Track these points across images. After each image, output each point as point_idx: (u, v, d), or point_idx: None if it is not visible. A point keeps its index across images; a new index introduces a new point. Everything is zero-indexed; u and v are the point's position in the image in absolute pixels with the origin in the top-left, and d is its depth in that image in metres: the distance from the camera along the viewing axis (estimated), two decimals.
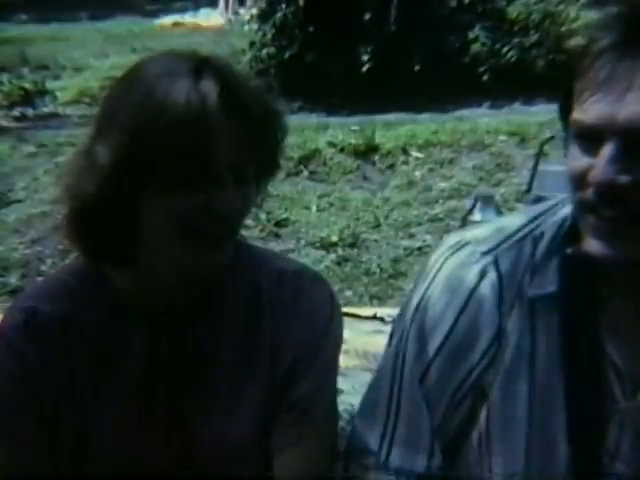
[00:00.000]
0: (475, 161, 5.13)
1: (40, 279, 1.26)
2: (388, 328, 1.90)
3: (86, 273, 1.10)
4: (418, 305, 1.07)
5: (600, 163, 0.90)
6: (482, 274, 1.04)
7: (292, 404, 1.10)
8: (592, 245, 0.95)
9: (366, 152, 5.23)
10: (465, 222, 1.73)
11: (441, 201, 4.82)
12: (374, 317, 1.85)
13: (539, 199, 1.10)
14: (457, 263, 1.05)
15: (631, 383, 1.01)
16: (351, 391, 1.19)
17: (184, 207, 0.99)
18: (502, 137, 5.33)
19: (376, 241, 4.50)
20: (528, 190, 1.72)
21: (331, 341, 1.13)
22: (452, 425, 1.06)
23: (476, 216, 1.71)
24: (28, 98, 7.13)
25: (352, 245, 4.43)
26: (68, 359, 1.08)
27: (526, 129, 5.33)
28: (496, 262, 1.04)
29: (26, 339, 1.07)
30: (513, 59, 7.17)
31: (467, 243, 1.06)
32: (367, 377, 1.47)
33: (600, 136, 0.91)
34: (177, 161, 0.97)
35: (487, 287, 1.03)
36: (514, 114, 6.03)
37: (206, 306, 1.10)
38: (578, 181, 0.94)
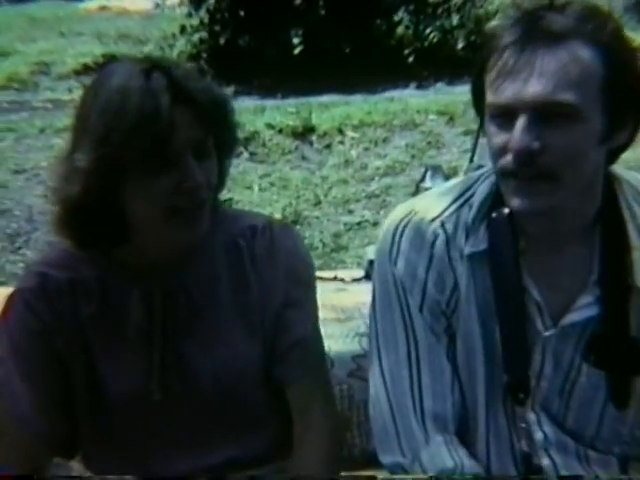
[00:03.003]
0: (407, 140, 5.29)
1: (49, 248, 1.43)
2: (349, 286, 2.12)
3: None
4: (395, 262, 1.23)
5: (516, 134, 1.10)
6: (434, 237, 1.23)
7: (293, 342, 1.27)
8: (515, 202, 1.15)
9: (304, 133, 5.34)
10: (418, 189, 1.96)
11: (377, 178, 4.98)
12: (335, 278, 2.06)
13: (480, 167, 1.33)
14: (413, 229, 1.24)
15: (549, 316, 1.21)
16: (325, 337, 1.37)
17: (159, 189, 1.15)
18: (432, 116, 5.52)
19: (317, 218, 4.64)
20: (471, 160, 1.96)
21: (308, 274, 1.31)
22: None
23: (427, 183, 1.94)
24: None
25: (295, 222, 4.54)
26: (76, 316, 1.24)
27: (453, 108, 5.52)
28: (443, 226, 1.23)
29: (41, 299, 1.23)
30: (435, 41, 7.37)
31: (417, 212, 1.25)
32: (337, 326, 1.68)
33: (513, 113, 1.11)
34: (143, 152, 1.12)
35: (440, 247, 1.22)
36: (441, 94, 6.24)
37: (192, 264, 1.26)
38: (499, 152, 1.14)
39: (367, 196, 4.82)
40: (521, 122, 1.10)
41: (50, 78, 7.40)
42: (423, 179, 1.95)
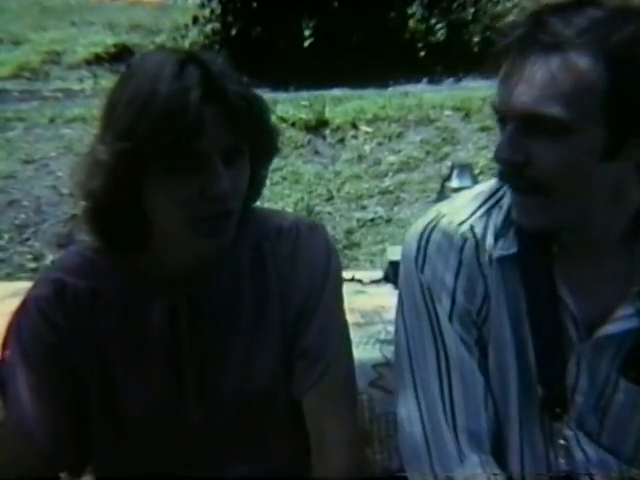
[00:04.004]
0: (422, 135, 5.22)
1: (66, 253, 1.34)
2: (367, 288, 2.06)
3: (108, 251, 1.18)
4: (421, 268, 1.17)
5: (501, 144, 1.05)
6: (463, 241, 1.17)
7: (304, 350, 1.19)
8: (514, 216, 1.10)
9: (317, 127, 5.27)
10: (443, 188, 1.88)
11: (391, 174, 4.93)
12: (353, 279, 1.99)
13: None
14: (440, 233, 1.17)
15: (584, 326, 1.15)
16: None
17: (181, 193, 1.07)
18: (447, 112, 5.46)
19: (329, 213, 4.60)
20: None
21: (332, 284, 1.22)
22: None
23: (454, 182, 1.86)
24: None
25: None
26: (95, 328, 1.16)
27: (469, 104, 5.45)
28: (472, 229, 1.17)
29: (57, 308, 1.15)
30: (448, 35, 7.30)
31: (443, 216, 1.19)
32: (356, 331, 1.62)
33: (504, 120, 1.06)
34: (167, 149, 1.04)
35: (469, 252, 1.16)
36: (457, 90, 6.18)
37: (216, 271, 1.19)
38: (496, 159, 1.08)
39: (381, 192, 4.77)
40: (507, 131, 1.06)
41: (61, 67, 7.37)
42: (449, 178, 1.87)
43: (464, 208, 1.20)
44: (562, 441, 1.17)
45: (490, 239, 1.16)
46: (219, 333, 1.19)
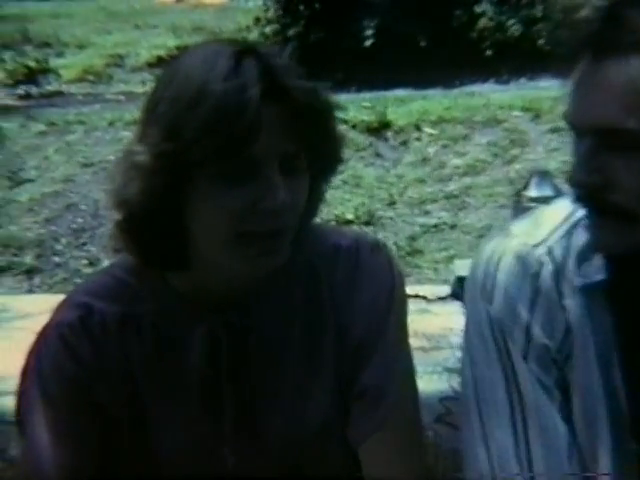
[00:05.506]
0: (489, 137, 5.07)
1: (95, 274, 1.19)
2: (433, 307, 1.90)
3: (144, 271, 1.04)
4: (489, 299, 1.03)
5: (575, 163, 0.90)
6: (539, 266, 1.01)
7: (363, 389, 1.05)
8: (591, 238, 0.95)
9: (378, 129, 5.16)
10: (520, 198, 1.70)
11: (456, 178, 4.78)
12: (416, 296, 1.82)
13: None
14: (512, 257, 1.01)
15: None
16: None
17: (229, 205, 0.93)
18: (516, 113, 5.27)
19: (391, 219, 4.47)
20: None
21: (395, 314, 1.07)
22: None
23: (532, 192, 1.67)
24: (32, 76, 7.06)
25: (367, 223, 4.41)
26: (125, 360, 1.03)
27: (539, 104, 5.26)
28: (550, 253, 1.00)
29: (81, 338, 1.02)
30: (517, 33, 7.10)
31: (515, 236, 1.02)
32: (420, 357, 1.46)
33: (578, 134, 0.90)
34: (217, 153, 0.90)
35: (547, 279, 1.00)
36: (525, 89, 5.97)
37: (264, 296, 1.05)
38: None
39: (445, 196, 4.63)
40: (582, 149, 0.90)
41: (124, 70, 7.46)
42: (527, 187, 1.68)
43: (540, 228, 1.03)
44: None
45: (572, 264, 1.00)
46: (265, 367, 1.05)
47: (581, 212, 1.03)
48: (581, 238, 1.00)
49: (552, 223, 1.03)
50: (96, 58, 7.59)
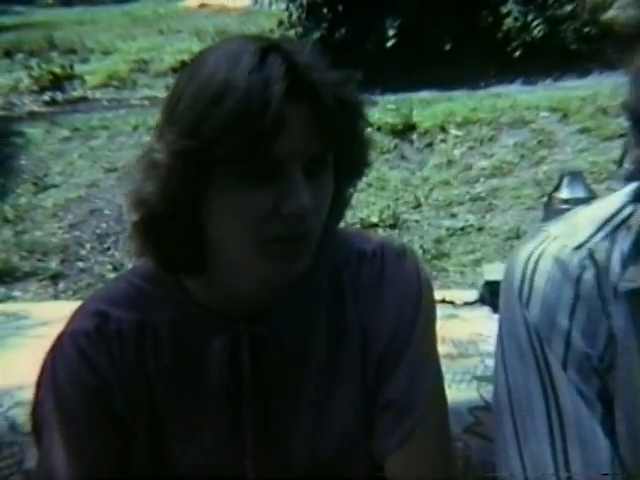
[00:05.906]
0: (516, 138, 4.99)
1: (112, 281, 1.15)
2: (460, 311, 1.83)
3: (162, 278, 1.00)
4: (527, 304, 0.97)
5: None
6: (580, 270, 0.95)
7: (388, 401, 1.00)
8: None
9: (403, 131, 5.10)
10: (551, 199, 1.63)
11: (482, 180, 4.70)
12: (443, 301, 1.76)
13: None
14: (550, 260, 0.96)
15: None
16: None
17: (250, 207, 0.89)
18: (543, 113, 5.18)
19: (417, 221, 4.41)
20: (620, 164, 1.62)
21: (422, 324, 1.02)
22: None
23: (563, 194, 1.60)
24: (57, 83, 7.10)
25: (393, 226, 4.35)
26: (142, 370, 0.99)
27: (567, 104, 5.17)
28: (591, 256, 0.94)
29: (98, 347, 0.98)
30: (541, 33, 7.00)
31: (554, 239, 0.96)
32: (448, 365, 1.40)
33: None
34: (239, 152, 0.86)
35: (588, 284, 0.94)
36: (553, 90, 5.87)
37: (286, 304, 1.00)
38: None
39: (471, 199, 4.56)
40: None
41: (148, 75, 7.48)
42: (558, 188, 1.62)
43: (581, 229, 0.96)
44: None
45: (616, 268, 0.94)
46: (287, 378, 1.01)
47: (625, 213, 0.97)
48: (626, 240, 0.94)
49: (592, 225, 0.97)
50: (120, 64, 7.61)
